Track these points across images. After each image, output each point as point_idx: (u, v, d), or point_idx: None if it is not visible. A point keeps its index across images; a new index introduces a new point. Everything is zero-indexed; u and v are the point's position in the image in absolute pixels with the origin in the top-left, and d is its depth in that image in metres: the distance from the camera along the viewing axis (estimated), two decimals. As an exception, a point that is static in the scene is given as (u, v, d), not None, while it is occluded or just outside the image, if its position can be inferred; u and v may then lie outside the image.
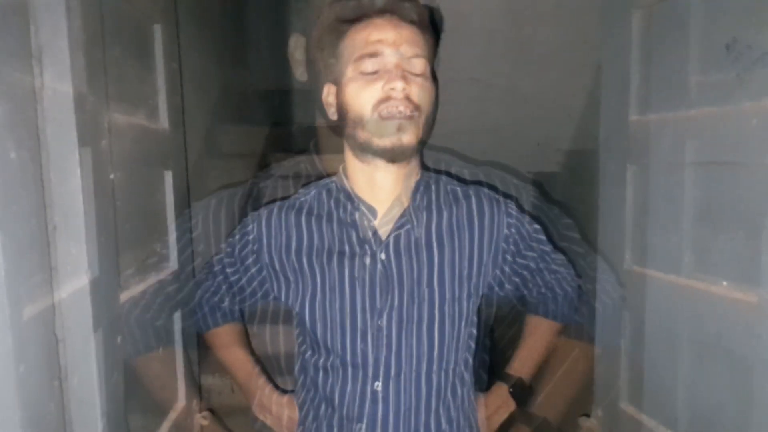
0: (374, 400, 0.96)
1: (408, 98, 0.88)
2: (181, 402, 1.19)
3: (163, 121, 1.12)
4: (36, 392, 0.68)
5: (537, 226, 1.04)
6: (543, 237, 1.05)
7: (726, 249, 0.90)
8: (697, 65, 0.94)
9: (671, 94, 0.99)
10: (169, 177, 1.13)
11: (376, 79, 0.89)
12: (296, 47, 1.26)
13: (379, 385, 0.96)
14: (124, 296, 0.92)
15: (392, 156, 0.92)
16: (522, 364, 1.15)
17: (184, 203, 1.19)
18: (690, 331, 0.97)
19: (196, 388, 1.28)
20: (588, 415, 1.29)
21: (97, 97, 0.82)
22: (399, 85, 0.87)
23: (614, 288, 1.13)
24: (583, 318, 1.16)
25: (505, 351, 1.25)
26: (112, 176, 0.87)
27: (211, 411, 1.29)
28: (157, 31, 1.11)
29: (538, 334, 1.16)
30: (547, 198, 1.24)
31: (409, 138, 0.90)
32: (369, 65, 0.90)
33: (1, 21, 0.65)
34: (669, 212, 1.01)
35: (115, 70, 0.91)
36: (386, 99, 0.88)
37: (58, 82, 0.74)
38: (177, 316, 1.16)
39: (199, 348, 1.24)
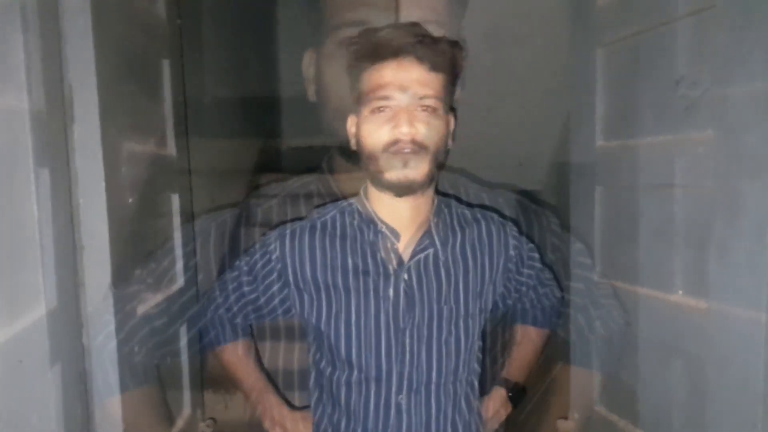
0: (398, 412, 1.02)
1: (414, 140, 0.94)
2: (186, 410, 1.27)
3: (171, 148, 1.22)
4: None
5: (532, 245, 1.14)
6: (537, 255, 1.15)
7: (680, 262, 1.00)
8: (651, 97, 1.05)
9: (631, 123, 1.11)
10: (176, 199, 1.22)
11: (387, 121, 0.95)
12: (309, 64, 1.31)
13: (402, 398, 1.02)
14: (140, 310, 1.00)
15: (399, 191, 0.98)
16: (517, 368, 1.24)
17: (189, 224, 1.28)
18: (652, 335, 1.08)
19: (201, 397, 1.35)
20: (566, 418, 1.39)
21: (118, 130, 0.92)
22: (405, 130, 0.94)
23: (619, 314, 1.20)
24: (560, 325, 1.28)
25: (495, 356, 1.35)
26: (130, 200, 0.96)
27: (214, 420, 1.36)
28: (165, 65, 1.21)
29: (529, 341, 1.25)
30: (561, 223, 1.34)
31: (415, 173, 0.96)
32: (380, 107, 0.96)
33: (39, 64, 0.75)
34: (632, 229, 1.12)
35: (130, 104, 1.01)
36: (395, 141, 0.95)
37: (85, 119, 0.83)
38: (183, 328, 1.24)
39: (203, 358, 1.32)
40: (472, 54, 1.61)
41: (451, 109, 1.04)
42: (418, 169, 0.96)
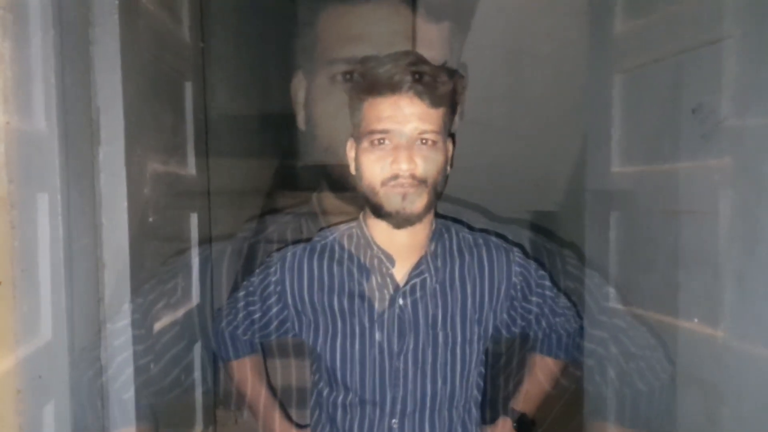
0: None
1: (413, 176, 0.95)
2: (198, 427, 1.28)
3: (191, 168, 1.24)
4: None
5: (542, 273, 1.12)
6: (548, 283, 1.12)
7: (696, 288, 1.00)
8: (668, 124, 1.06)
9: (647, 149, 1.11)
10: (194, 218, 1.24)
11: (386, 155, 0.96)
12: (299, 87, 1.31)
13: (395, 423, 1.03)
14: (157, 327, 1.02)
15: (397, 223, 0.99)
16: (526, 399, 1.22)
17: (206, 242, 1.30)
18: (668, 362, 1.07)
19: (213, 414, 1.36)
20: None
21: (141, 151, 0.94)
22: (404, 166, 0.94)
23: (663, 367, 1.11)
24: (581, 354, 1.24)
25: (503, 384, 1.34)
26: (150, 219, 0.98)
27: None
28: (188, 87, 1.24)
29: (542, 371, 1.22)
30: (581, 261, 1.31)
31: (413, 207, 0.97)
32: (379, 141, 0.96)
33: (70, 90, 0.77)
34: (647, 255, 1.12)
35: (153, 125, 1.03)
36: (394, 177, 0.96)
37: (111, 141, 0.86)
38: (197, 345, 1.26)
39: (215, 376, 1.33)
40: (492, 78, 1.63)
41: (450, 135, 1.05)
42: (416, 203, 0.97)
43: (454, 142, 1.08)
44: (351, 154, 1.04)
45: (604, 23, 1.21)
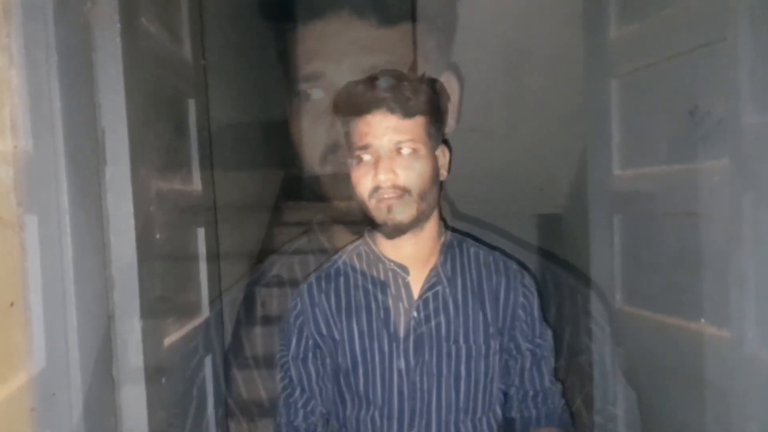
0: None
1: (394, 185, 1.00)
2: (211, 439, 1.29)
3: (197, 184, 1.26)
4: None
5: (547, 331, 1.12)
6: (547, 341, 1.11)
7: (700, 289, 1.00)
8: (667, 127, 1.07)
9: (646, 152, 1.12)
10: (201, 233, 1.25)
11: (369, 169, 1.01)
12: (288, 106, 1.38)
13: None
14: (167, 342, 1.03)
15: (388, 233, 1.04)
16: None
17: (214, 257, 1.31)
18: (674, 364, 1.07)
19: (225, 427, 1.37)
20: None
21: (147, 169, 0.96)
22: (382, 177, 0.99)
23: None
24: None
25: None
26: (157, 236, 1.00)
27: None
28: (191, 104, 1.26)
29: None
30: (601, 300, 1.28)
31: (400, 216, 1.01)
32: (363, 156, 1.02)
33: (75, 112, 0.79)
34: (651, 257, 1.12)
35: (158, 143, 1.05)
36: (376, 188, 1.01)
37: (117, 161, 0.87)
38: (208, 359, 1.27)
39: (228, 386, 1.35)
40: (490, 85, 1.65)
41: (444, 141, 1.08)
42: (404, 213, 1.01)
43: (450, 149, 1.10)
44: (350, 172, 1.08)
45: (599, 28, 1.22)
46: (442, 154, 1.08)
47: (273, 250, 1.49)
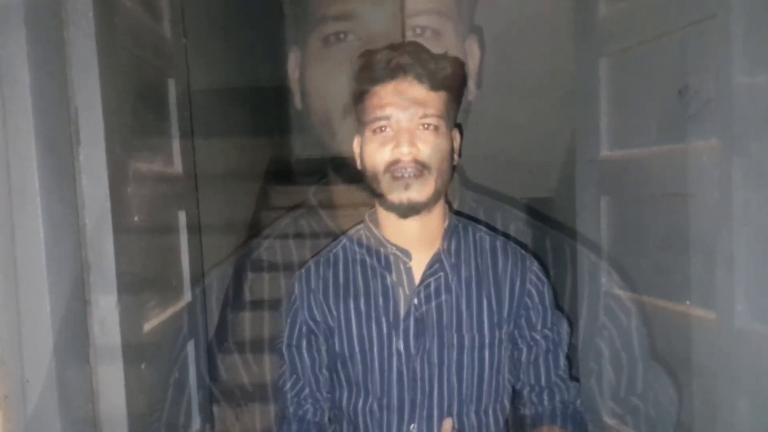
0: None
1: (416, 160, 0.94)
2: (195, 426, 1.27)
3: (177, 165, 1.23)
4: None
5: (560, 321, 1.07)
6: (558, 332, 1.06)
7: (687, 271, 0.99)
8: (655, 107, 1.05)
9: (635, 133, 1.10)
10: (182, 216, 1.23)
11: (388, 141, 0.95)
12: (295, 65, 1.28)
13: (414, 428, 1.00)
14: (147, 327, 1.01)
15: (402, 212, 0.98)
16: None
17: (196, 239, 1.29)
18: (661, 346, 1.07)
19: (209, 411, 1.36)
20: None
21: (123, 150, 0.93)
22: (405, 149, 0.93)
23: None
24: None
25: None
26: (135, 218, 0.98)
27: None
28: (171, 84, 1.22)
29: None
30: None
31: (418, 195, 0.95)
32: (381, 128, 0.96)
33: (46, 89, 0.76)
34: (638, 239, 1.11)
35: (135, 123, 1.02)
36: (396, 162, 0.95)
37: (91, 141, 0.85)
38: (191, 343, 1.25)
39: (211, 371, 1.33)
40: (486, 61, 1.63)
41: (456, 125, 1.04)
42: (422, 192, 0.96)
43: (462, 133, 1.06)
44: (357, 150, 1.03)
45: (588, 6, 1.20)
46: (455, 137, 1.04)
47: (259, 233, 1.47)
